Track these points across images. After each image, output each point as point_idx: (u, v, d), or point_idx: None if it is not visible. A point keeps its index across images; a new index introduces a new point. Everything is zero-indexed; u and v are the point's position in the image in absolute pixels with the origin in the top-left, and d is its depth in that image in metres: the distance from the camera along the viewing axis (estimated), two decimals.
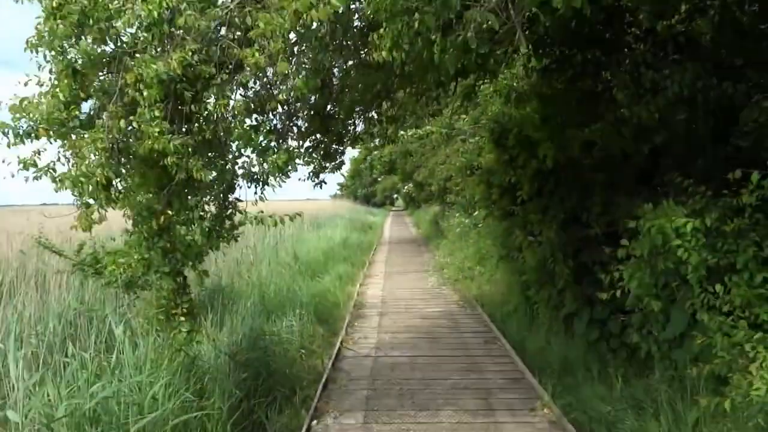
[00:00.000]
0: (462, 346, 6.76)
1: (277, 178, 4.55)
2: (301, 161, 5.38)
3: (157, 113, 3.39)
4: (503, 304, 8.45)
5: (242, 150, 4.28)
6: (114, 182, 3.60)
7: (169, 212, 3.77)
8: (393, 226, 35.85)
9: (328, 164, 5.89)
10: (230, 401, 4.55)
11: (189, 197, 3.87)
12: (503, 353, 6.40)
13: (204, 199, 4.09)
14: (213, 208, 4.19)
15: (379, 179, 55.82)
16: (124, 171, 3.73)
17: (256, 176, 4.52)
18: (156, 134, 3.32)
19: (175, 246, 3.92)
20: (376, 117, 5.60)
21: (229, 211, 4.25)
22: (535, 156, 6.63)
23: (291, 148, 4.99)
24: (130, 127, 3.51)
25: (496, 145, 7.07)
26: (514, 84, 6.06)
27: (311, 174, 5.83)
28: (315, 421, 4.53)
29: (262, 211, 4.15)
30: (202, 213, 4.00)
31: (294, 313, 7.27)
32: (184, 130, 4.16)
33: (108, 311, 6.07)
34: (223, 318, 6.33)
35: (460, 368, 5.86)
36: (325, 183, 6.05)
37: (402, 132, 10.39)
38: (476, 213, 12.37)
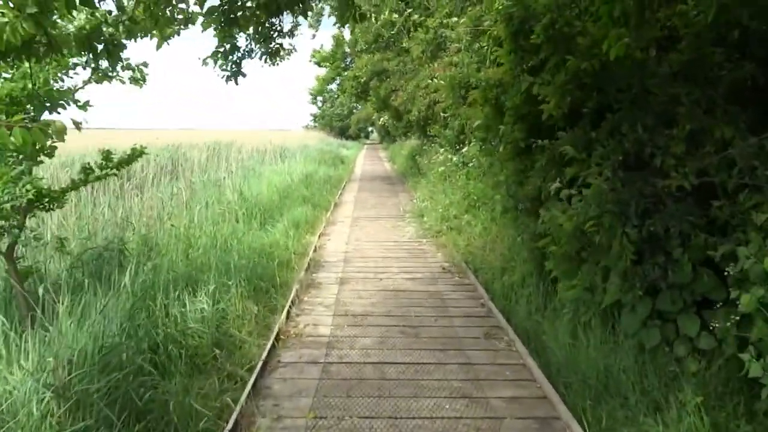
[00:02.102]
0: (453, 343, 4.66)
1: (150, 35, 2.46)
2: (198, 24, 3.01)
3: None
4: (504, 272, 6.34)
5: None
6: None
7: None
8: (366, 160, 33.47)
9: (253, 45, 3.47)
10: None
11: None
12: (515, 359, 4.32)
13: None
14: None
15: (354, 110, 52.53)
16: None
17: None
18: None
19: None
20: None
21: None
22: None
23: None
24: None
25: (514, 44, 4.67)
26: None
27: (220, 55, 3.40)
28: None
29: None
30: None
31: (206, 288, 5.00)
32: None
33: None
34: (94, 304, 4.07)
35: (454, 391, 3.77)
36: (244, 75, 3.65)
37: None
38: (466, 149, 10.02)
